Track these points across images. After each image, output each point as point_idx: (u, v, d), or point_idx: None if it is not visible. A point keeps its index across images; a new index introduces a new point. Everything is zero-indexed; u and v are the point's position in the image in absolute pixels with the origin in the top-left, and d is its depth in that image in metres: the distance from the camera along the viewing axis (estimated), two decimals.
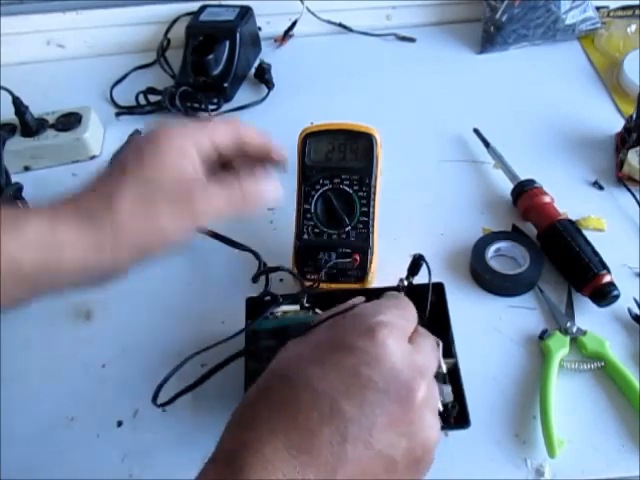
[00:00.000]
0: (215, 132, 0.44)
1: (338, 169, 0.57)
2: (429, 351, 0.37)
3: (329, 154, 0.57)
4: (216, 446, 0.34)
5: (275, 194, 0.45)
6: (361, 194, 0.57)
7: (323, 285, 0.57)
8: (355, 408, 0.32)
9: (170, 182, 0.40)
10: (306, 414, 0.32)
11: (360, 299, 0.42)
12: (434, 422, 0.35)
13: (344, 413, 0.32)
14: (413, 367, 0.35)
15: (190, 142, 0.42)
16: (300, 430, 0.32)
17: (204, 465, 0.34)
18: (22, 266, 0.36)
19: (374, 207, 0.57)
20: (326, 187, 0.57)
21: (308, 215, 0.57)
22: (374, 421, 0.32)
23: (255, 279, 0.58)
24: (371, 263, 0.57)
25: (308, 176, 0.57)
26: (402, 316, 0.38)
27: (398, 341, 0.35)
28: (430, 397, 0.35)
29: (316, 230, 0.58)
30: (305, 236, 0.58)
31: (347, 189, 0.57)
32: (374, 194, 0.57)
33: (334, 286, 0.57)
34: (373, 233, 0.57)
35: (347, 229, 0.57)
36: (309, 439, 0.32)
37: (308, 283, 0.56)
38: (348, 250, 0.57)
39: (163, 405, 0.49)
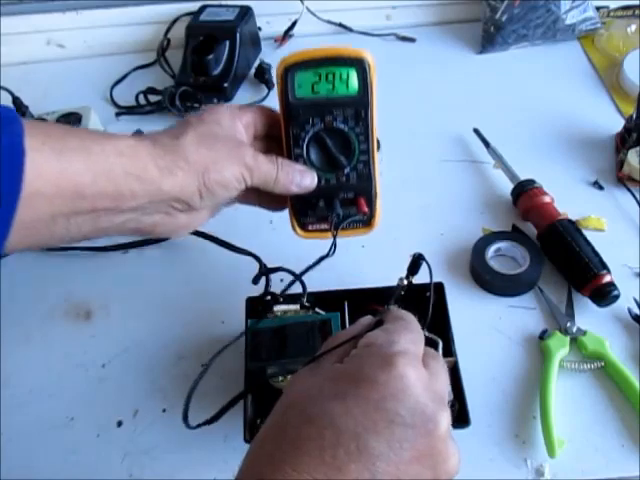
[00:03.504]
0: (250, 108, 0.51)
1: (328, 104, 0.49)
2: (443, 374, 0.37)
3: (316, 86, 0.49)
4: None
5: (310, 181, 0.50)
6: (358, 130, 0.50)
7: (327, 234, 0.52)
8: (382, 444, 0.32)
9: (226, 136, 0.47)
10: (332, 452, 0.31)
11: (367, 319, 0.42)
12: (456, 448, 0.35)
13: (371, 450, 0.31)
14: (435, 397, 0.34)
15: (231, 109, 0.49)
16: (326, 468, 0.31)
17: None
18: (114, 174, 0.41)
19: (373, 143, 0.50)
20: (317, 127, 0.49)
21: (301, 161, 0.50)
22: (402, 456, 0.32)
23: (255, 281, 0.58)
24: (376, 204, 0.52)
25: (295, 116, 0.49)
26: (413, 340, 0.37)
27: (417, 370, 0.35)
28: (449, 424, 0.35)
29: None
30: None
31: (342, 126, 0.49)
32: (372, 128, 0.50)
33: (342, 233, 0.52)
34: (374, 171, 0.51)
35: (346, 171, 0.51)
36: (336, 477, 0.31)
37: (312, 234, 0.53)
38: (351, 194, 0.51)
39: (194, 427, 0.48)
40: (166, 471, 0.51)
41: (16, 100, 0.76)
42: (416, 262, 0.47)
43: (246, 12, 0.89)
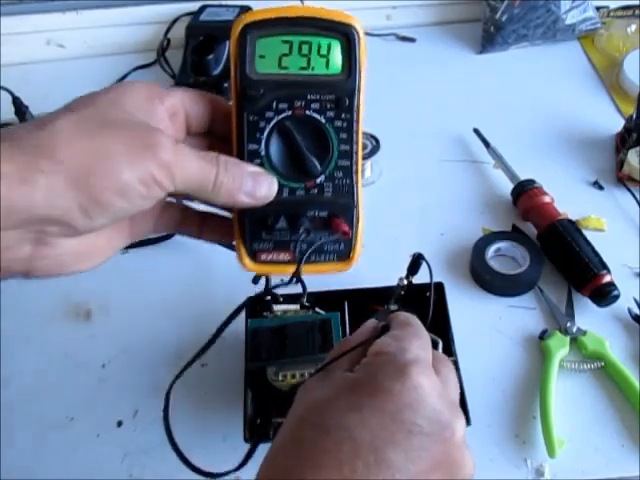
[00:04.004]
0: (182, 90, 0.37)
1: (301, 84, 0.36)
2: (453, 378, 0.37)
3: (284, 60, 0.36)
4: None
5: (267, 189, 0.36)
6: (339, 123, 0.37)
7: (288, 268, 0.39)
8: (401, 455, 0.31)
9: (129, 121, 0.32)
10: (351, 465, 0.31)
11: (371, 323, 0.41)
12: (471, 455, 0.35)
13: (390, 462, 0.31)
14: (450, 405, 0.34)
15: (150, 87, 0.35)
16: None
17: None
18: None
19: (358, 143, 0.38)
20: (283, 115, 0.36)
21: (256, 160, 0.37)
22: (420, 465, 0.32)
23: (255, 281, 0.58)
24: (358, 230, 0.39)
25: (253, 98, 0.36)
26: (422, 346, 0.37)
27: (430, 378, 0.34)
28: (464, 431, 0.35)
29: None
30: None
31: (317, 116, 0.37)
32: (357, 122, 0.37)
33: (309, 269, 0.39)
34: (357, 183, 0.38)
35: (320, 180, 0.37)
36: None
37: (266, 267, 0.40)
38: (324, 213, 0.38)
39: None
40: (166, 471, 0.51)
41: (16, 100, 0.76)
42: (416, 262, 0.47)
43: (246, 12, 0.89)
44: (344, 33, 0.36)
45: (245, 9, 0.89)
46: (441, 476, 0.33)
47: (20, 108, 0.76)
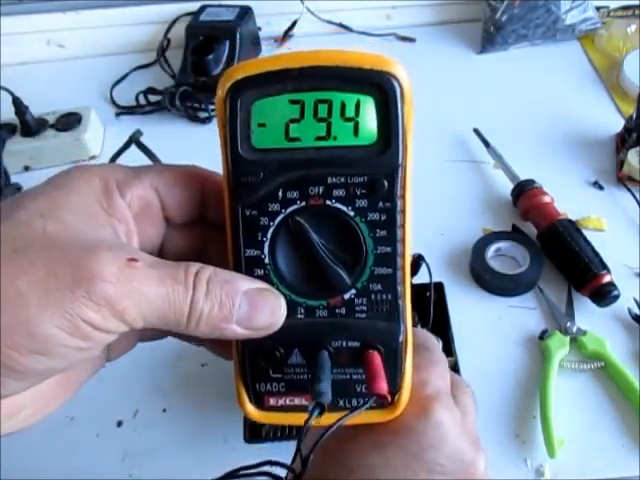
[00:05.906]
0: (156, 170, 0.28)
1: (318, 162, 0.26)
2: (471, 405, 0.37)
3: (293, 127, 0.26)
4: None
5: (270, 315, 0.27)
6: (374, 216, 0.27)
7: (303, 418, 0.27)
8: None
9: (55, 240, 0.23)
10: None
11: None
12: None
13: None
14: (473, 441, 0.34)
15: (109, 175, 0.26)
16: None
17: None
18: None
19: (404, 242, 0.27)
20: (293, 207, 0.27)
21: (257, 271, 0.27)
22: None
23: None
24: (405, 367, 0.30)
25: (249, 185, 0.27)
26: (441, 375, 0.35)
27: (452, 413, 0.33)
28: (486, 464, 0.34)
29: None
30: None
31: (342, 207, 0.27)
32: (402, 213, 0.27)
33: (334, 419, 0.28)
34: (404, 298, 0.28)
35: (348, 296, 0.28)
36: None
37: (272, 415, 0.30)
38: (354, 343, 0.28)
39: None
40: (166, 471, 0.51)
41: (16, 100, 0.76)
42: (416, 262, 0.47)
43: (246, 12, 0.89)
44: (378, 85, 0.26)
45: (245, 9, 0.89)
46: None
47: (20, 108, 0.76)
